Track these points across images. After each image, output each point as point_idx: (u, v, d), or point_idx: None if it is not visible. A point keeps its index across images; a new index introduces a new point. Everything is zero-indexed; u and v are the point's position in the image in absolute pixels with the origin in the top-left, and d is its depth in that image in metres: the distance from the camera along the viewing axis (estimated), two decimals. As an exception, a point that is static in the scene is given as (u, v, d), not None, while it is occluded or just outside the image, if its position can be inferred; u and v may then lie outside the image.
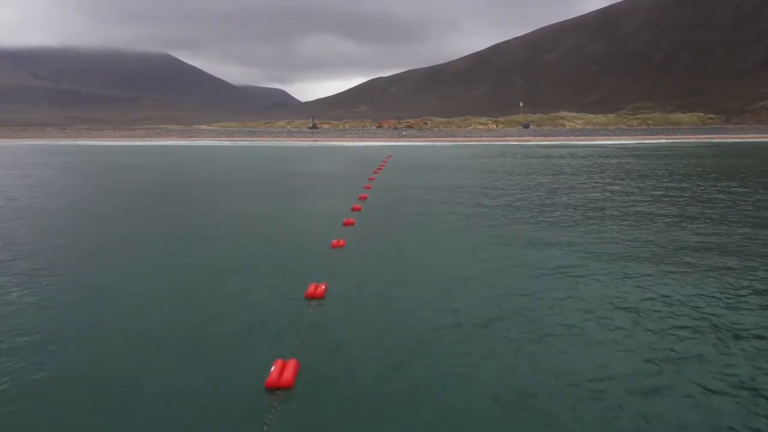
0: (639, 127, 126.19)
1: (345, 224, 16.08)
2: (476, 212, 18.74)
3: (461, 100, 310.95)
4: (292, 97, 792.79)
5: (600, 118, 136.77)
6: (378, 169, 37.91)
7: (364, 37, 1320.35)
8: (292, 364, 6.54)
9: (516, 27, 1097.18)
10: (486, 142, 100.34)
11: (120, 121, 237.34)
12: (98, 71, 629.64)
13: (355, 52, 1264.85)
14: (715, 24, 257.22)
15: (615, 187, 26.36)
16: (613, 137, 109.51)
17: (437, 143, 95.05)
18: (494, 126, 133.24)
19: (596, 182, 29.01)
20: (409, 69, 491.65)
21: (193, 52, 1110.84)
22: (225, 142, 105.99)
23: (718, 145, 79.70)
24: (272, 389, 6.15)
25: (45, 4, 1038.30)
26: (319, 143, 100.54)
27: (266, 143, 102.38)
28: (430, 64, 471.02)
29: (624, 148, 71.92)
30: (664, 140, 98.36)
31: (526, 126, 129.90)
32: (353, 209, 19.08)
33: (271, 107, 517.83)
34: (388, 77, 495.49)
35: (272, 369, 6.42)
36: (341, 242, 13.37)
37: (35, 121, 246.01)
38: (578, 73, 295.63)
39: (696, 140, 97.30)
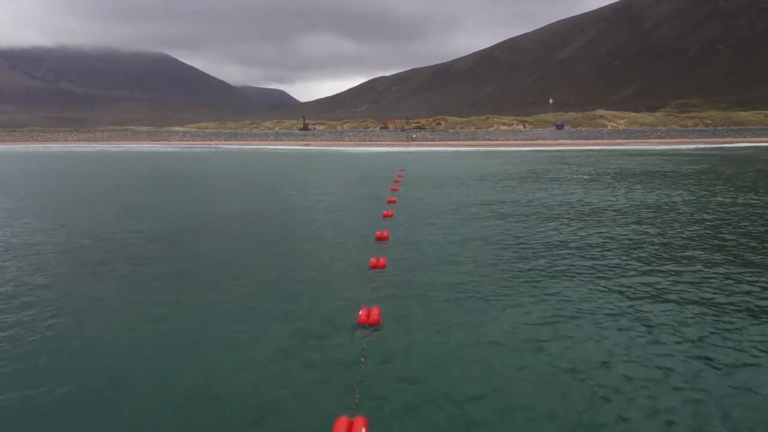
0: (696, 128, 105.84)
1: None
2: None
3: (468, 98, 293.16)
4: (292, 98, 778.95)
5: (646, 118, 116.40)
6: (393, 193, 23.88)
7: (364, 37, 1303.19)
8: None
9: (520, 25, 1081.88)
10: (517, 146, 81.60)
11: (117, 122, 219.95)
12: (95, 71, 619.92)
13: (356, 52, 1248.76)
14: (758, 12, 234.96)
15: None
16: (677, 140, 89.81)
17: (461, 149, 75.12)
18: (521, 126, 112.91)
19: None
20: (411, 68, 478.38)
21: (192, 52, 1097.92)
22: (197, 148, 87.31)
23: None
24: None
25: (41, 4, 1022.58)
26: (311, 148, 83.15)
27: (250, 147, 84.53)
28: (433, 63, 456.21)
29: (728, 154, 51.84)
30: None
31: (560, 126, 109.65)
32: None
33: (271, 108, 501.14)
34: (390, 76, 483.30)
35: None
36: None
37: (26, 122, 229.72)
38: (598, 69, 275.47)
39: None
